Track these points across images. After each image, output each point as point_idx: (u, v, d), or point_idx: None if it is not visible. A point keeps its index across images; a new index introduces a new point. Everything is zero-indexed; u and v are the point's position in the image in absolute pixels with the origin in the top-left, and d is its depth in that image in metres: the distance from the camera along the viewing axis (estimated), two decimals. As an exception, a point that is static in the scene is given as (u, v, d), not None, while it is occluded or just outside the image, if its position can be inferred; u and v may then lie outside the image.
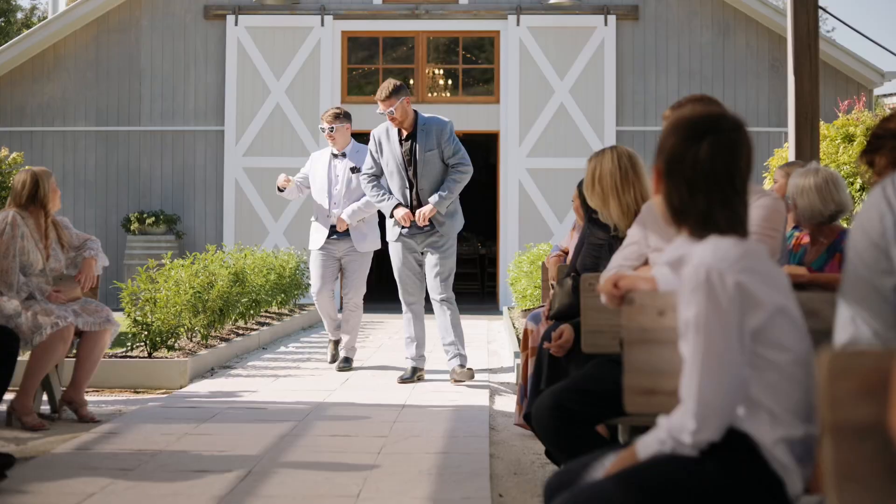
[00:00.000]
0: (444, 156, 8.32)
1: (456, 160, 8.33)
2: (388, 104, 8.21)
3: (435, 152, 8.29)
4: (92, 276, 7.02)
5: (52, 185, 6.90)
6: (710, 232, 2.52)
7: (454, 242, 8.59)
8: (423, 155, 8.28)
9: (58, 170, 17.21)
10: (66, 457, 5.63)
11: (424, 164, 8.29)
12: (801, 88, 8.17)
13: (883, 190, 2.42)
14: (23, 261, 6.71)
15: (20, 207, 6.80)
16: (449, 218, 8.45)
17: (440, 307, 8.46)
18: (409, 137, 8.35)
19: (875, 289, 2.37)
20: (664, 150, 2.60)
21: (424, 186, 8.33)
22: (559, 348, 4.84)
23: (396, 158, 8.36)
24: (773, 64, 17.09)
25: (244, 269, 11.09)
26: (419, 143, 8.29)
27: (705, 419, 2.40)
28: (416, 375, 8.58)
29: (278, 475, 5.18)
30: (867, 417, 1.43)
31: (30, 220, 6.81)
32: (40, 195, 6.83)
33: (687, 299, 2.45)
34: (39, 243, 6.82)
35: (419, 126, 8.34)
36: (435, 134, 8.29)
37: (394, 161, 8.38)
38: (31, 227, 6.80)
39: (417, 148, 8.29)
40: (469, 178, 8.44)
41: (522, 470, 5.47)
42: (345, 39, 17.64)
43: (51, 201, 6.89)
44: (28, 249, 6.74)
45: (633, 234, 4.20)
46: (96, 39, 17.54)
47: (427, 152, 8.28)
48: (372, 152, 8.53)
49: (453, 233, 8.52)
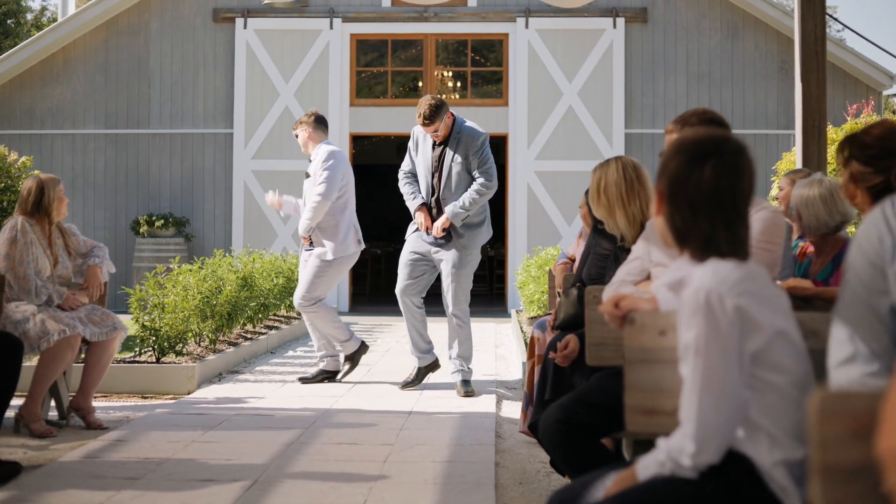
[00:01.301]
0: (471, 168, 8.17)
1: (480, 173, 8.17)
2: (431, 129, 8.12)
3: (462, 163, 8.16)
4: (98, 284, 7.03)
5: (58, 193, 6.92)
6: (712, 254, 2.53)
7: (474, 256, 8.39)
8: (449, 163, 8.17)
9: (67, 173, 17.28)
10: (73, 465, 5.65)
11: (449, 174, 8.18)
12: (808, 94, 8.15)
13: (883, 211, 2.43)
14: (32, 267, 6.74)
15: (26, 215, 6.84)
16: (468, 230, 8.28)
17: (451, 319, 8.35)
18: (442, 143, 8.24)
19: (871, 308, 2.38)
20: (667, 173, 2.61)
21: (447, 196, 8.21)
22: (564, 359, 4.84)
23: (426, 162, 8.27)
24: (782, 66, 17.06)
25: (252, 274, 11.12)
26: (448, 151, 8.19)
27: (704, 441, 2.41)
28: (419, 377, 8.51)
29: (284, 485, 5.19)
30: (857, 458, 1.45)
31: (36, 227, 6.84)
32: (45, 203, 6.86)
33: (687, 322, 2.46)
34: (47, 250, 6.85)
35: (453, 133, 8.21)
36: (464, 144, 8.16)
37: (423, 164, 8.30)
38: (38, 234, 6.83)
39: (446, 155, 8.19)
40: (491, 194, 8.25)
41: (528, 479, 5.48)
42: (353, 42, 17.66)
43: (56, 209, 6.91)
44: (37, 256, 6.77)
45: (637, 249, 4.21)
46: (105, 42, 17.59)
47: (454, 162, 8.17)
48: (410, 150, 8.47)
49: (474, 246, 8.35)
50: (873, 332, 2.38)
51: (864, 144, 3.27)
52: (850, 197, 3.34)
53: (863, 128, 3.39)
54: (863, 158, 3.26)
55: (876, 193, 3.24)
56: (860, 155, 3.27)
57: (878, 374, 2.36)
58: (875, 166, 3.23)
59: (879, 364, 2.37)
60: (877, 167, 3.23)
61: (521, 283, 13.10)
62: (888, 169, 3.22)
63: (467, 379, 8.31)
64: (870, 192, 3.27)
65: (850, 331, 2.41)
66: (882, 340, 2.36)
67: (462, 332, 8.33)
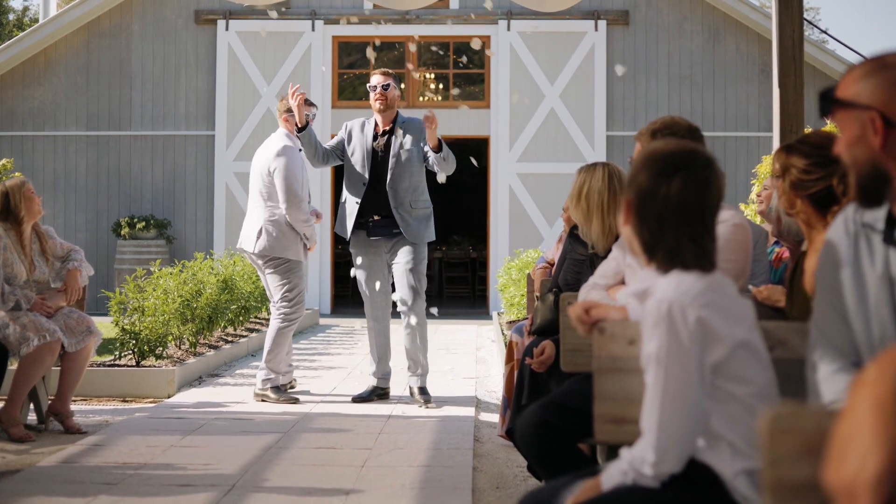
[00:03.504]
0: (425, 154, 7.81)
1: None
2: (386, 78, 7.92)
3: (410, 149, 7.82)
4: (77, 288, 7.01)
5: (25, 193, 6.85)
6: (677, 266, 2.56)
7: (425, 254, 7.93)
8: (398, 152, 7.82)
9: (48, 174, 17.24)
10: (50, 470, 5.65)
11: (398, 163, 7.81)
12: (785, 98, 8.18)
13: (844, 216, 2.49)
14: (7, 273, 6.72)
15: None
16: (417, 222, 7.88)
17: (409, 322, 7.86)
18: (384, 133, 7.93)
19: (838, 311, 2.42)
20: (635, 184, 2.63)
21: (398, 184, 7.81)
22: (541, 365, 4.87)
23: (365, 150, 7.89)
24: (763, 69, 17.14)
25: (233, 276, 11.12)
26: (395, 137, 7.86)
27: (665, 451, 2.44)
28: (374, 395, 8.03)
29: (261, 490, 5.21)
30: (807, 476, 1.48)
31: (11, 233, 6.82)
32: (12, 207, 6.81)
33: (649, 333, 2.49)
34: (21, 254, 6.82)
35: (398, 121, 7.94)
36: (414, 130, 7.88)
37: (360, 151, 7.90)
38: (12, 240, 6.81)
39: (393, 145, 7.85)
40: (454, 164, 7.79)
41: (505, 484, 5.50)
42: (335, 44, 17.66)
43: (26, 210, 6.84)
44: (12, 262, 6.75)
45: (614, 251, 4.25)
46: (87, 44, 17.55)
47: (402, 148, 7.83)
48: (340, 135, 8.09)
49: (422, 241, 7.90)
50: (839, 332, 2.41)
51: (804, 153, 3.33)
52: (790, 205, 3.39)
53: (798, 138, 3.45)
54: (803, 167, 3.31)
55: (816, 201, 3.30)
56: (800, 163, 3.32)
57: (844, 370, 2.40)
58: (815, 174, 3.29)
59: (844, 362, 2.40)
60: (817, 175, 3.29)
61: (502, 286, 13.13)
62: (829, 176, 3.28)
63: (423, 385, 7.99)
64: (811, 199, 3.32)
65: (820, 332, 2.45)
66: (846, 340, 2.40)
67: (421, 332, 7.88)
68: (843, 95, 2.31)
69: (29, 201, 6.85)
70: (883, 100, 2.24)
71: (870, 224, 2.41)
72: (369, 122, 8.05)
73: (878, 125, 2.23)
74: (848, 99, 2.29)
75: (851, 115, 2.28)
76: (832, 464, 1.26)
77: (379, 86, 7.92)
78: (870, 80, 2.27)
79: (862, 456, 1.21)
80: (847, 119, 2.30)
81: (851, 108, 2.28)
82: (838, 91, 2.33)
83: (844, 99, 2.30)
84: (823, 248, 2.52)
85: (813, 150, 3.34)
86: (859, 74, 2.30)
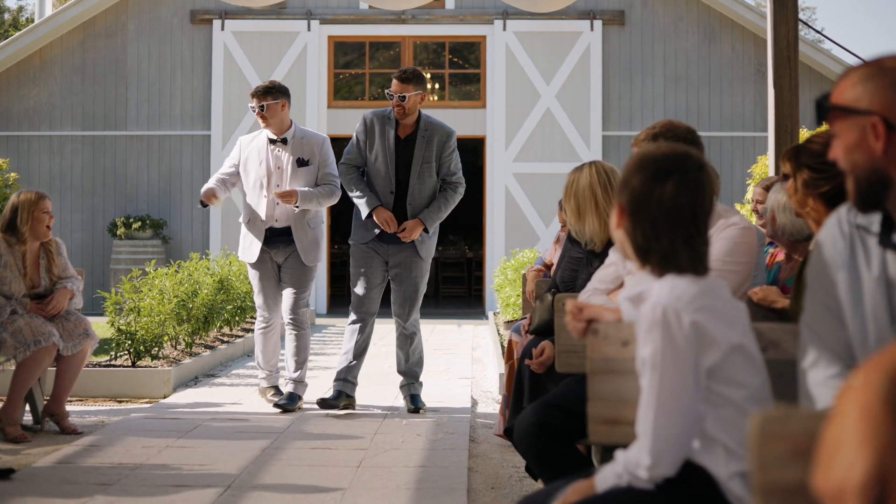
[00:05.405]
0: (441, 170, 7.45)
1: (453, 179, 7.47)
2: (404, 88, 7.35)
3: (430, 165, 7.40)
4: (61, 307, 6.75)
5: (35, 214, 6.68)
6: (671, 270, 2.57)
7: (428, 267, 7.65)
8: (418, 163, 7.38)
9: (44, 174, 17.24)
10: (47, 470, 5.65)
11: (418, 174, 7.39)
12: (780, 99, 8.22)
13: (838, 216, 2.50)
14: (3, 290, 6.67)
15: (4, 233, 6.74)
16: (430, 239, 7.56)
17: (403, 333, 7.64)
18: (407, 138, 7.47)
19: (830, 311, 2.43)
20: (628, 188, 2.64)
21: (412, 200, 7.41)
22: (540, 365, 4.87)
23: (388, 156, 7.42)
24: (759, 69, 17.17)
25: (229, 276, 11.13)
26: (417, 149, 7.39)
27: (660, 455, 2.45)
28: (339, 402, 7.44)
29: (257, 490, 5.21)
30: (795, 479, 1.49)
31: (17, 247, 6.70)
32: (18, 225, 6.69)
33: (644, 337, 2.50)
34: (22, 270, 6.73)
35: (421, 129, 7.43)
36: (437, 144, 7.40)
37: (383, 158, 7.42)
38: (15, 255, 6.70)
39: (415, 153, 7.39)
40: (459, 199, 7.58)
41: (500, 484, 5.51)
42: (331, 44, 17.67)
43: (30, 232, 6.70)
44: (10, 280, 6.67)
45: (612, 255, 4.25)
46: (83, 44, 17.55)
47: (424, 162, 7.39)
48: (358, 138, 7.55)
49: (429, 255, 7.60)
50: (834, 334, 2.42)
51: (814, 152, 3.33)
52: (801, 205, 3.40)
53: (807, 137, 3.45)
54: (814, 165, 3.32)
55: (829, 199, 3.30)
56: (811, 162, 3.33)
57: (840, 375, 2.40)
58: (827, 172, 3.29)
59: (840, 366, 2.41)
60: (829, 173, 3.29)
61: (498, 286, 13.14)
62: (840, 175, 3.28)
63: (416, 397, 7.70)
64: (822, 198, 3.32)
65: (814, 333, 2.46)
66: (842, 342, 2.41)
67: (417, 346, 7.67)
68: (841, 101, 2.30)
69: (37, 222, 6.67)
70: (884, 104, 2.22)
71: (864, 226, 2.41)
72: (390, 125, 7.51)
73: (880, 130, 2.22)
74: (847, 104, 2.28)
75: (850, 120, 2.27)
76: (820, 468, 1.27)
77: (396, 96, 7.41)
78: (868, 85, 2.25)
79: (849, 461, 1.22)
80: (845, 124, 2.29)
81: (851, 113, 2.27)
82: (834, 96, 2.32)
83: (843, 104, 2.29)
84: (816, 248, 2.52)
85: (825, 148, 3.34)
86: (857, 79, 2.29)
